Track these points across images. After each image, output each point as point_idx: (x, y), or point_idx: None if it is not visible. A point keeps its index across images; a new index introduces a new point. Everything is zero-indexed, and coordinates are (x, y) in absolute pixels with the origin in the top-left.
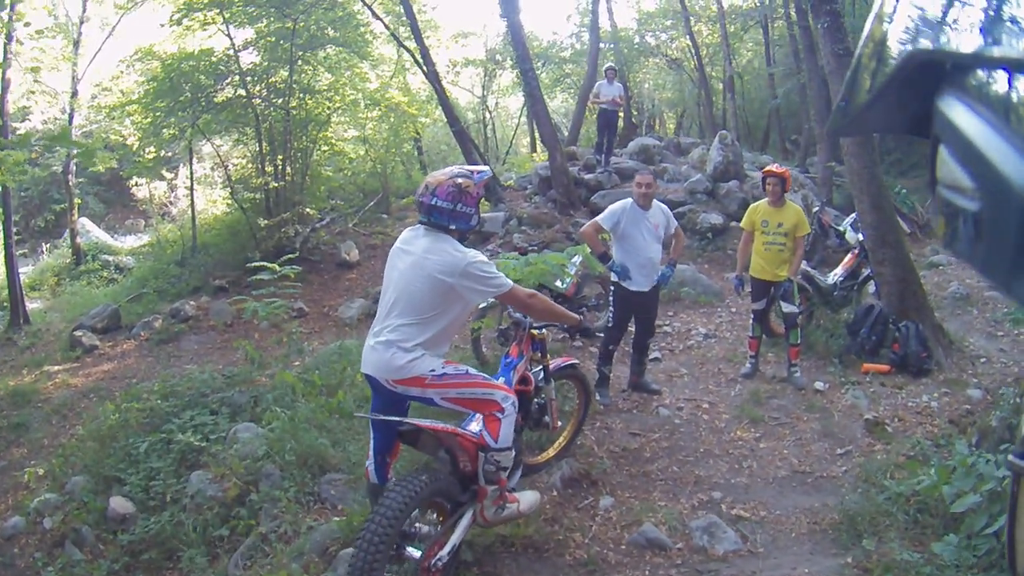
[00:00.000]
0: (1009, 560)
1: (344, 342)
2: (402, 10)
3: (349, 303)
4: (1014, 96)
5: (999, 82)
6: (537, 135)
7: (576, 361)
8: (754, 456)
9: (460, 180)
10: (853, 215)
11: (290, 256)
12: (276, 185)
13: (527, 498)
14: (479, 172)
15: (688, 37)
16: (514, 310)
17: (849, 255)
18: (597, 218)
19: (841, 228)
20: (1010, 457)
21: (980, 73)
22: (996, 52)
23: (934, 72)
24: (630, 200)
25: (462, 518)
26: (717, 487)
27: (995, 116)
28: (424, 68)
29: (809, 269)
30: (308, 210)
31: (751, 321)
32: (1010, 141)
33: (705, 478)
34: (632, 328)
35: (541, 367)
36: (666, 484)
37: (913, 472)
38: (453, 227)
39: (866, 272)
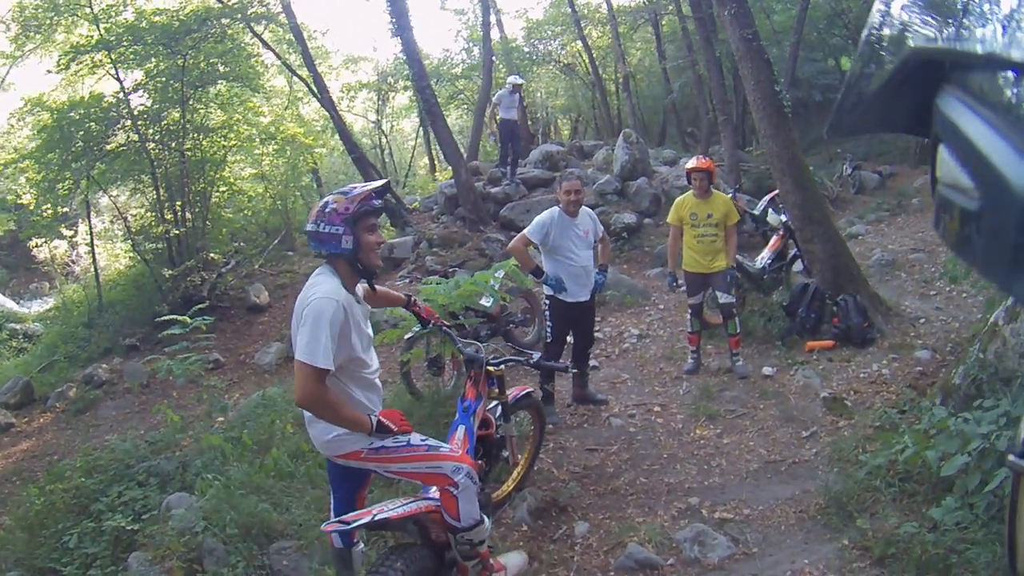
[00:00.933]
0: (1009, 560)
1: (266, 391)
2: (292, 38)
3: (265, 349)
4: (1014, 96)
5: (999, 82)
6: (436, 155)
7: (531, 389)
8: (720, 453)
9: (331, 198)
10: (767, 197)
11: (200, 306)
12: (177, 232)
13: (513, 562)
14: (357, 188)
15: (580, 41)
16: (464, 345)
17: (774, 237)
18: (525, 231)
19: (756, 212)
20: (1010, 457)
21: (980, 73)
22: (995, 52)
23: (934, 71)
24: (557, 209)
25: None
26: (692, 492)
27: (995, 116)
28: (319, 95)
29: (738, 257)
30: (212, 255)
31: (688, 316)
32: (1010, 141)
33: (677, 485)
34: (570, 340)
35: (498, 404)
36: (638, 498)
37: (886, 442)
38: (324, 252)
39: (793, 252)
